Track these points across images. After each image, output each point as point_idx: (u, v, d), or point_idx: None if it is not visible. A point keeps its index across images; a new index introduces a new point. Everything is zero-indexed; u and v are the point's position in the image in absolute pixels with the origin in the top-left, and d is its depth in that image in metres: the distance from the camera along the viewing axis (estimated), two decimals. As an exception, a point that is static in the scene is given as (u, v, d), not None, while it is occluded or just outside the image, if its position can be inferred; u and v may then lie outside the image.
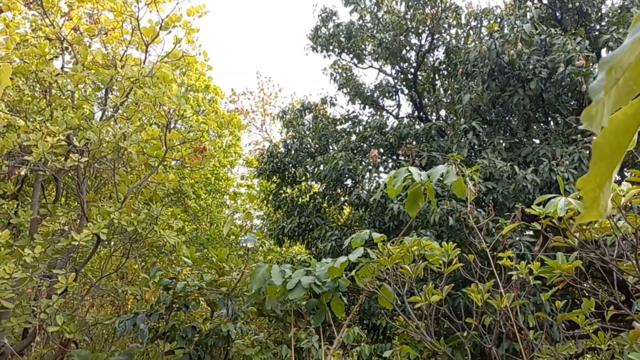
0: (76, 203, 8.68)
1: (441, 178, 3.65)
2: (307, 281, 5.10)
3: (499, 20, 9.18)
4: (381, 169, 9.93)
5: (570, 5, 8.54)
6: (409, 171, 3.73)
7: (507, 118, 9.03)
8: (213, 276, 6.51)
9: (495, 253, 3.68)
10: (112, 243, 7.82)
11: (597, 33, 8.57)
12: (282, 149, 11.80)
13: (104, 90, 6.96)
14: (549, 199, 2.50)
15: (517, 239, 6.51)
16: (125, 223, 6.02)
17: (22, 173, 7.54)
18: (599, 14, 9.01)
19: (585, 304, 2.98)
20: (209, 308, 7.08)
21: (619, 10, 8.99)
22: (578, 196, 2.56)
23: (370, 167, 9.38)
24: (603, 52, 9.24)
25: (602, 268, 2.88)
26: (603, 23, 8.68)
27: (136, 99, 6.11)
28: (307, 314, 6.49)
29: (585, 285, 2.98)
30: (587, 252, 2.73)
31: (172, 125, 6.98)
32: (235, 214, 18.74)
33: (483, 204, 7.18)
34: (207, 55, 7.86)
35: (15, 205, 7.04)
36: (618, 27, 7.75)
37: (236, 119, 7.10)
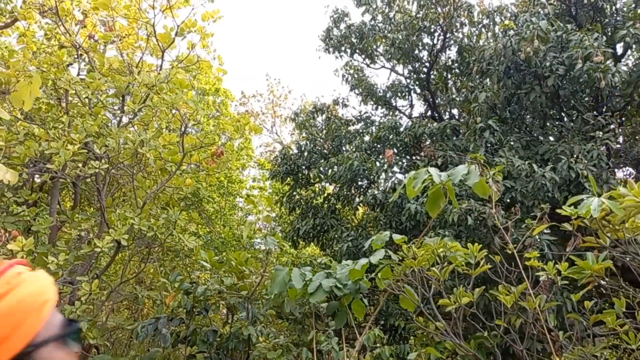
0: (92, 209, 8.75)
1: (462, 179, 3.63)
2: (328, 284, 5.08)
3: (513, 18, 9.11)
4: (396, 168, 9.90)
5: (585, 1, 8.46)
6: (429, 172, 3.71)
7: (522, 116, 8.97)
8: (233, 280, 6.52)
9: (520, 253, 3.65)
10: (130, 248, 7.87)
11: (612, 28, 8.48)
12: (295, 151, 11.81)
13: (120, 97, 7.00)
14: (581, 199, 2.47)
15: (537, 237, 6.46)
16: (145, 228, 6.05)
17: (39, 180, 7.61)
18: (614, 8, 8.91)
19: (616, 303, 2.95)
20: (226, 311, 7.10)
21: (633, 5, 8.89)
22: (609, 196, 2.53)
23: (385, 167, 9.35)
24: (619, 47, 9.15)
25: (633, 267, 2.84)
26: (618, 18, 8.59)
27: (154, 105, 6.14)
28: (326, 316, 6.49)
29: (615, 285, 2.94)
30: (618, 251, 2.69)
31: (186, 130, 7.01)
32: (248, 216, 18.81)
33: (503, 204, 7.14)
34: (222, 59, 7.89)
35: (34, 213, 7.11)
36: (634, 22, 7.65)
37: (251, 123, 7.12)
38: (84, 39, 6.91)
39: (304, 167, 11.59)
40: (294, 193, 11.83)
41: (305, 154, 11.53)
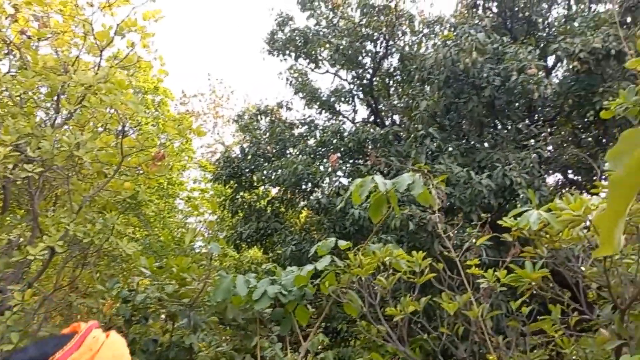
0: (23, 211, 8.28)
1: (407, 189, 3.71)
2: (273, 290, 5.06)
3: (452, 29, 9.43)
4: (340, 173, 10.00)
5: (520, 15, 8.88)
6: (375, 181, 3.77)
7: (460, 124, 9.29)
8: (174, 287, 6.36)
9: (459, 258, 3.77)
10: (65, 254, 7.51)
11: (545, 42, 8.94)
12: (239, 154, 11.68)
13: (55, 97, 6.67)
14: (522, 212, 2.59)
15: (474, 241, 6.71)
16: (81, 234, 5.79)
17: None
18: (546, 23, 9.41)
19: (552, 310, 3.10)
20: (167, 319, 6.91)
21: (564, 20, 9.42)
22: (547, 208, 2.66)
23: (329, 171, 9.43)
24: (550, 60, 9.67)
25: (567, 276, 3.00)
26: (550, 32, 9.07)
27: (91, 106, 5.89)
28: (270, 322, 6.45)
29: (551, 293, 3.10)
30: (555, 261, 2.84)
31: (125, 131, 6.77)
32: (188, 218, 18.41)
33: (443, 209, 7.35)
34: (163, 60, 7.68)
35: (-43, 217, 6.65)
36: (565, 37, 8.11)
37: (197, 127, 6.98)
38: (15, 34, 6.53)
39: (247, 170, 11.48)
40: (237, 196, 11.70)
41: (249, 157, 11.43)
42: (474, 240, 3.89)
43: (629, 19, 8.42)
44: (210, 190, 17.94)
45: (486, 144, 9.28)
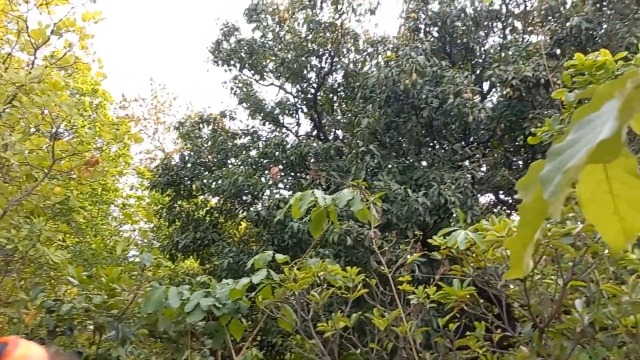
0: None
1: (346, 204, 3.78)
2: (207, 303, 4.98)
3: (395, 49, 9.72)
4: (281, 185, 10.00)
5: (458, 41, 9.28)
6: (314, 195, 3.81)
7: (400, 142, 9.55)
8: (103, 297, 6.12)
9: (392, 274, 3.86)
10: (-15, 261, 7.09)
11: (481, 68, 9.38)
12: (178, 162, 11.45)
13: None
14: (451, 231, 2.70)
15: (408, 256, 6.89)
16: (4, 240, 5.50)
17: None
18: (483, 50, 9.87)
19: (477, 327, 3.23)
20: (94, 331, 6.63)
21: (499, 48, 9.92)
22: (475, 228, 2.78)
23: (270, 184, 9.41)
24: (485, 85, 10.12)
25: (492, 295, 3.14)
26: (487, 59, 9.52)
27: (22, 106, 5.63)
28: (202, 335, 6.33)
29: (477, 310, 3.23)
30: (479, 280, 2.97)
31: (58, 134, 6.51)
32: (122, 226, 17.80)
33: (380, 225, 7.50)
34: (102, 62, 7.46)
35: None
36: (499, 64, 8.54)
37: (133, 133, 6.80)
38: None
39: (186, 179, 11.27)
40: (175, 205, 11.44)
41: (189, 165, 11.23)
42: (408, 257, 4.00)
43: (558, 51, 8.97)
44: (147, 198, 17.45)
45: (424, 163, 9.57)
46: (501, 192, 11.00)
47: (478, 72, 9.42)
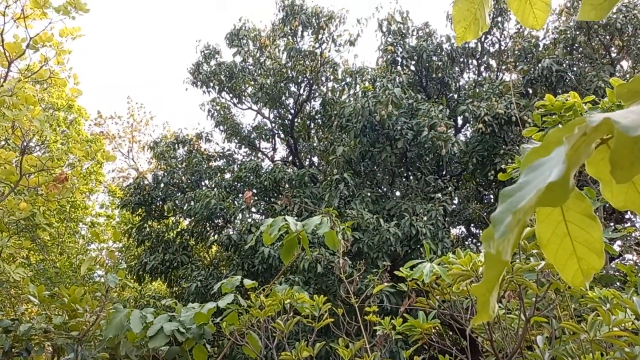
0: None
1: (315, 229, 3.78)
2: (170, 327, 4.86)
3: (372, 80, 9.88)
4: (253, 209, 9.95)
5: (434, 75, 9.49)
6: (286, 220, 3.80)
7: (374, 171, 9.63)
8: (63, 318, 5.94)
9: (361, 305, 3.85)
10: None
11: (456, 103, 9.59)
12: (151, 181, 11.32)
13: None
14: (417, 263, 2.71)
15: (372, 288, 6.88)
16: (-38, 256, 5.32)
17: None
18: (458, 85, 10.11)
19: (440, 359, 3.22)
20: (52, 353, 6.41)
21: (473, 85, 10.17)
22: (440, 261, 2.80)
23: (243, 208, 9.35)
24: (459, 119, 10.33)
25: (457, 328, 3.15)
26: (461, 94, 9.75)
27: (-9, 119, 5.52)
28: (165, 360, 6.17)
29: (443, 343, 3.23)
30: (445, 313, 2.98)
31: (27, 149, 6.39)
32: (90, 244, 17.40)
33: (351, 254, 7.51)
34: (78, 78, 7.39)
35: None
36: (473, 100, 8.74)
37: (105, 151, 6.71)
38: None
39: (158, 199, 11.13)
40: (145, 225, 11.25)
41: (162, 185, 11.10)
42: (388, 288, 4.00)
43: (530, 90, 9.24)
44: (117, 217, 17.14)
45: (397, 193, 9.66)
46: (472, 224, 11.15)
47: (453, 106, 9.62)
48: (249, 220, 9.70)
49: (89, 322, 5.96)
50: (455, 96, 9.78)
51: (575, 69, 9.08)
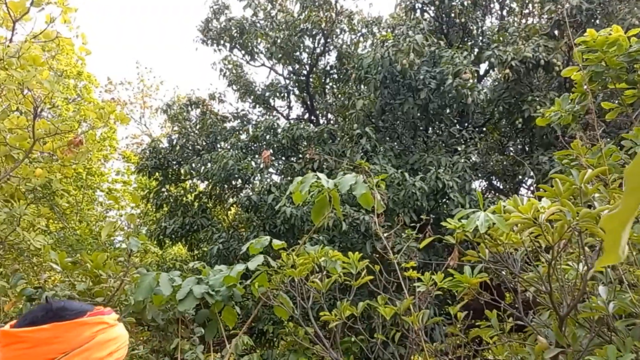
0: None
1: (350, 189, 3.54)
2: (200, 290, 4.73)
3: (390, 29, 9.43)
4: (272, 169, 9.73)
5: (456, 21, 9.00)
6: (317, 177, 3.56)
7: (395, 125, 9.30)
8: (87, 284, 5.85)
9: (389, 260, 3.65)
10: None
11: (478, 49, 9.12)
12: (166, 145, 11.12)
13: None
14: (469, 213, 2.47)
15: (404, 244, 6.68)
16: (-19, 224, 5.19)
17: None
18: (480, 31, 9.61)
19: (489, 315, 3.02)
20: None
21: (497, 29, 9.67)
22: (493, 210, 2.55)
23: (261, 168, 9.13)
24: (483, 67, 9.88)
25: (507, 281, 2.93)
26: (484, 40, 9.27)
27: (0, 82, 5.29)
28: (191, 322, 6.10)
29: (487, 298, 3.02)
30: (496, 265, 2.75)
31: (40, 114, 6.18)
32: (109, 211, 17.44)
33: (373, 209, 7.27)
34: (86, 38, 7.10)
35: None
36: (498, 45, 8.29)
37: (118, 112, 6.48)
38: None
39: (174, 163, 10.95)
40: (163, 189, 11.13)
41: (177, 148, 10.91)
42: (413, 243, 3.78)
43: (556, 32, 8.74)
44: (134, 183, 17.09)
45: (420, 146, 9.35)
46: (494, 178, 10.82)
47: (476, 53, 9.17)
48: (268, 180, 9.49)
49: (113, 287, 5.86)
50: (479, 43, 9.30)
51: (605, 7, 8.53)
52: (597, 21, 8.63)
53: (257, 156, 9.77)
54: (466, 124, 9.59)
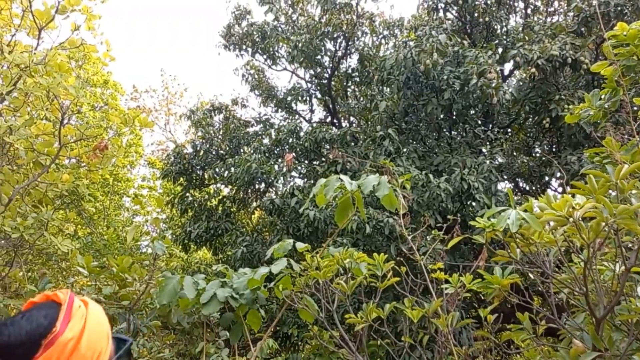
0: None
1: (372, 190, 3.48)
2: (224, 294, 4.71)
3: (412, 30, 9.34)
4: (295, 173, 9.71)
5: (480, 20, 8.87)
6: (341, 180, 3.51)
7: (418, 127, 9.19)
8: (113, 288, 5.89)
9: (415, 262, 3.57)
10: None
11: (503, 49, 8.97)
12: (190, 150, 11.21)
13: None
14: (499, 211, 2.38)
15: (429, 246, 6.56)
16: (9, 229, 5.27)
17: None
18: (504, 30, 9.45)
19: (520, 318, 2.92)
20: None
21: (522, 28, 9.50)
22: (524, 209, 2.46)
23: (284, 171, 9.12)
24: (507, 66, 9.71)
25: (539, 282, 2.83)
26: (508, 39, 9.11)
27: (26, 89, 5.37)
28: (216, 326, 6.09)
29: (518, 300, 2.92)
30: (529, 266, 2.65)
31: (67, 121, 6.27)
32: (135, 217, 17.66)
33: (405, 213, 7.18)
34: (110, 45, 7.19)
35: None
36: (524, 44, 8.13)
37: (142, 117, 6.53)
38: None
39: (198, 168, 11.03)
40: (187, 194, 11.21)
41: (201, 153, 10.99)
42: (438, 244, 3.69)
43: (583, 30, 8.54)
44: (159, 189, 17.30)
45: (444, 148, 9.22)
46: (520, 179, 10.60)
47: (501, 52, 9.01)
48: (291, 184, 9.47)
49: (139, 291, 5.89)
50: (503, 42, 9.14)
51: (635, 1, 8.30)
52: (627, 17, 8.40)
53: (280, 160, 9.77)
54: (491, 125, 9.42)
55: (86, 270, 5.96)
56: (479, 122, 9.10)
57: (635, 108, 4.35)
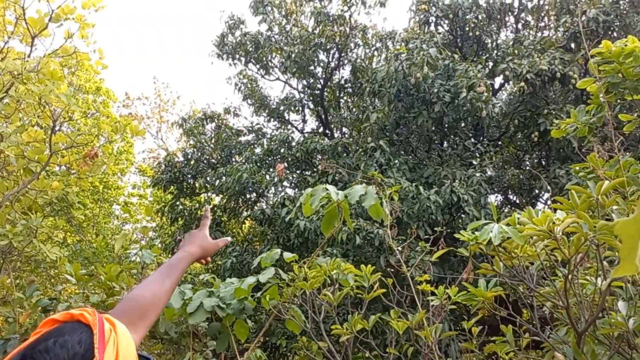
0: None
1: (359, 200, 3.51)
2: (210, 303, 4.70)
3: (404, 43, 9.44)
4: (286, 183, 9.74)
5: (470, 34, 8.99)
6: (327, 190, 3.53)
7: (409, 139, 9.26)
8: (100, 297, 5.87)
9: (404, 275, 3.59)
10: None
11: (493, 62, 9.08)
12: (181, 159, 11.21)
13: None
14: (483, 225, 2.42)
15: (417, 257, 6.59)
16: (-3, 236, 5.25)
17: None
18: (495, 44, 9.57)
19: (504, 330, 2.95)
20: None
21: (512, 42, 9.63)
22: (507, 222, 2.50)
23: (275, 181, 9.14)
24: (497, 80, 9.82)
25: (523, 296, 2.86)
26: (498, 53, 9.23)
27: (18, 96, 5.38)
28: (204, 336, 6.07)
29: (503, 313, 2.95)
30: (512, 279, 2.69)
31: (58, 128, 6.28)
32: (125, 225, 17.58)
33: (393, 225, 7.22)
34: (103, 53, 7.22)
35: None
36: (513, 58, 8.24)
37: (133, 125, 6.54)
38: None
39: (189, 176, 11.03)
40: (177, 203, 11.19)
41: (192, 162, 10.99)
42: (426, 256, 3.72)
43: (573, 45, 8.67)
44: (150, 197, 17.25)
45: (435, 160, 9.29)
46: (510, 192, 10.68)
47: (491, 66, 9.12)
48: (282, 193, 9.49)
49: (126, 299, 5.86)
50: (494, 56, 9.26)
51: (622, 18, 8.45)
52: (615, 33, 8.54)
53: (271, 170, 9.79)
54: (481, 138, 9.51)
55: (74, 278, 5.94)
56: (470, 134, 9.19)
57: (623, 123, 4.42)
